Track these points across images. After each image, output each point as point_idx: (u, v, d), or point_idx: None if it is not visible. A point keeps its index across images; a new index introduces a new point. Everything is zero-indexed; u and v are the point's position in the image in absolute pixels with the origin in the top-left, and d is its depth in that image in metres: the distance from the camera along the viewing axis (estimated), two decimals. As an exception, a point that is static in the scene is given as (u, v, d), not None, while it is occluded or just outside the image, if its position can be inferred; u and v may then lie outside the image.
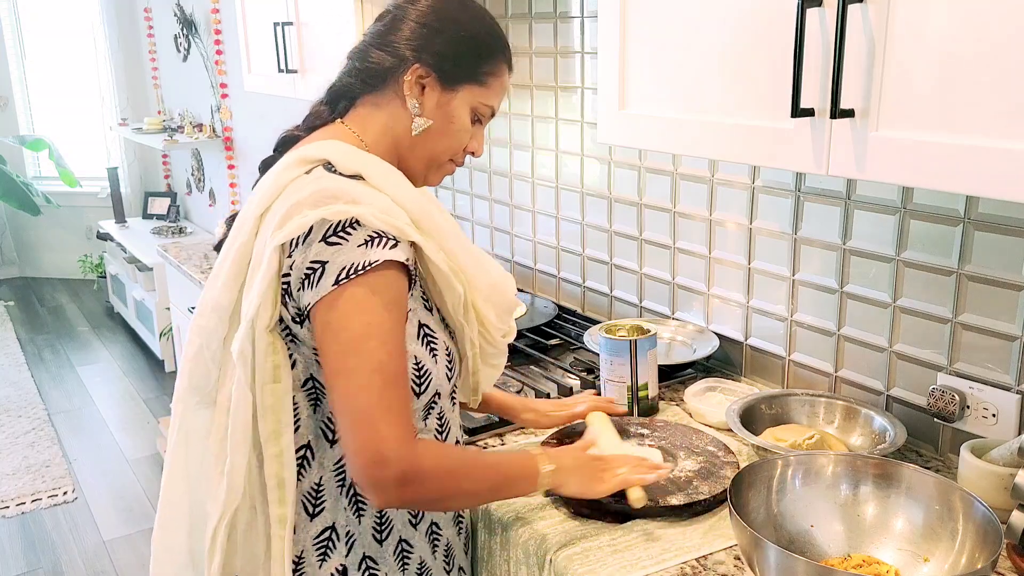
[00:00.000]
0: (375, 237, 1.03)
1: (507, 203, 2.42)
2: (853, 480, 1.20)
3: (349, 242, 1.02)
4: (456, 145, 1.19)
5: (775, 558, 1.00)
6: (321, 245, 1.02)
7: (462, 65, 1.15)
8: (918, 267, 1.44)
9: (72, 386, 4.48)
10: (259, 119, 4.09)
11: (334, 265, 1.02)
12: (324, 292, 1.02)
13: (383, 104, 1.17)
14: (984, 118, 0.96)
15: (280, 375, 1.09)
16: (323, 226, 1.03)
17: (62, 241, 6.27)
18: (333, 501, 1.15)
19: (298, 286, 1.05)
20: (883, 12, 1.03)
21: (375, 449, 1.01)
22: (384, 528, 1.18)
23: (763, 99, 1.21)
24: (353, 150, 1.13)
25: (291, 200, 1.06)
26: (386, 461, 1.01)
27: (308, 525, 1.15)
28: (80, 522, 3.25)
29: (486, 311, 1.18)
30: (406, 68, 1.14)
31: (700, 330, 1.86)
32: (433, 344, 1.14)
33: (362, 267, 1.01)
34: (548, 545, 1.22)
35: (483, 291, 1.17)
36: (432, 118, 1.16)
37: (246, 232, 1.11)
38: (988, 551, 1.03)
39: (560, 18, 2.10)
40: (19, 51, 6.11)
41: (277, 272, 1.06)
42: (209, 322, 1.14)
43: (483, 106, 1.19)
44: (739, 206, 1.74)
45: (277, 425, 1.10)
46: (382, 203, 1.06)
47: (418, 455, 1.03)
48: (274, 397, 1.09)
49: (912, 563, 1.13)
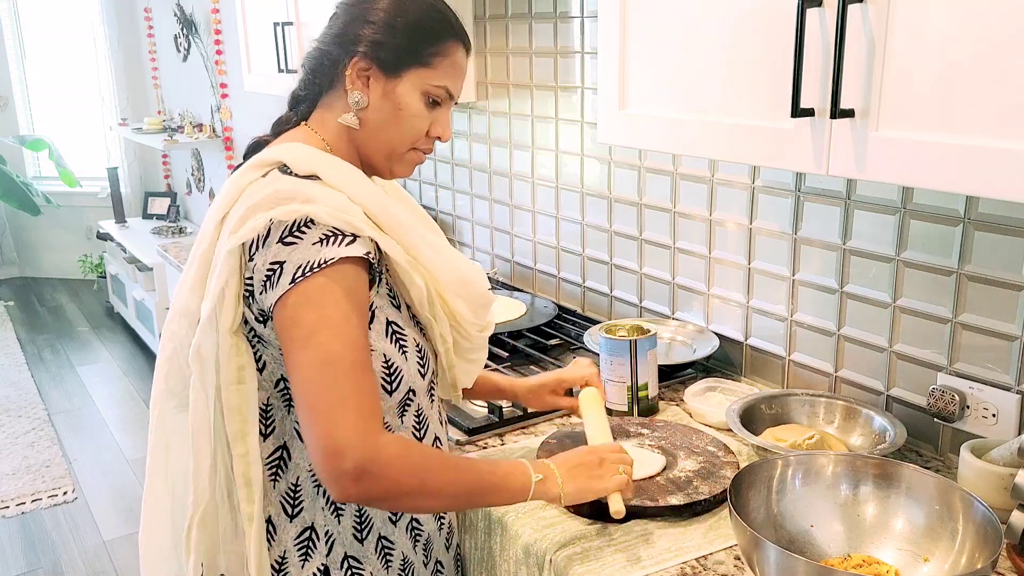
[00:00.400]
0: (330, 236, 1.04)
1: (507, 203, 2.42)
2: (853, 480, 1.20)
3: (304, 241, 1.03)
4: (413, 133, 1.18)
5: (775, 558, 1.00)
6: (279, 246, 1.04)
7: (402, 50, 1.14)
8: (918, 267, 1.44)
9: (72, 386, 4.48)
10: (259, 119, 4.09)
11: (290, 264, 1.03)
12: (282, 291, 1.03)
13: (335, 102, 1.18)
14: (984, 118, 0.96)
15: (244, 376, 1.10)
16: (279, 227, 1.04)
17: (62, 241, 6.27)
18: (310, 501, 1.16)
19: (260, 288, 1.06)
20: (883, 12, 1.03)
21: (330, 440, 0.99)
22: (364, 526, 1.18)
23: (763, 99, 1.21)
24: (309, 151, 1.14)
25: (247, 203, 1.07)
26: (342, 452, 0.98)
27: (288, 526, 1.16)
28: (80, 522, 3.25)
29: (456, 305, 1.17)
30: (346, 63, 1.15)
31: (700, 330, 1.86)
32: (402, 341, 1.14)
33: (317, 265, 1.02)
34: (548, 545, 1.22)
35: (451, 285, 1.16)
36: (381, 108, 1.15)
37: (208, 238, 1.13)
38: (988, 551, 1.03)
39: (560, 18, 2.10)
40: (19, 51, 6.11)
41: (238, 274, 1.07)
42: (180, 328, 1.15)
43: (435, 88, 1.17)
44: (739, 206, 1.74)
45: (243, 425, 1.11)
46: (337, 201, 1.07)
47: (378, 447, 1.00)
48: (239, 397, 1.10)
49: (912, 563, 1.12)
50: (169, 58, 5.29)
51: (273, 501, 1.16)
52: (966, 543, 1.09)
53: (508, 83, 2.31)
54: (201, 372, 1.11)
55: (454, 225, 2.69)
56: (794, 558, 0.98)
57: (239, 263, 1.07)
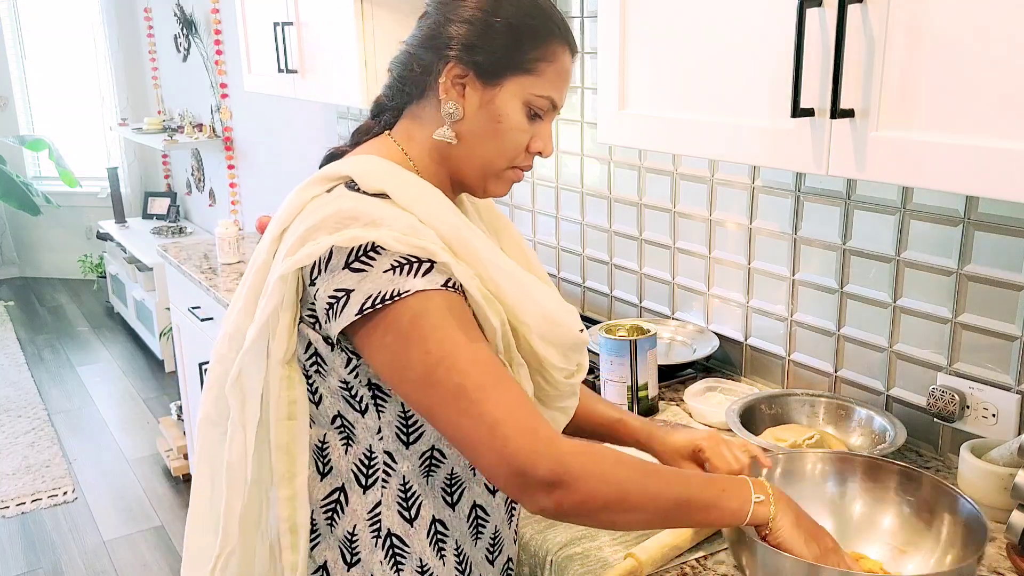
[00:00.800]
0: (404, 263, 0.93)
1: (507, 203, 2.42)
2: (841, 478, 1.20)
3: (374, 268, 0.93)
4: (512, 148, 1.05)
5: (762, 556, 1.00)
6: (345, 272, 0.94)
7: (501, 55, 1.01)
8: (918, 267, 1.44)
9: (72, 386, 4.48)
10: (259, 119, 4.09)
11: (359, 293, 0.93)
12: (347, 321, 0.94)
13: (425, 113, 1.06)
14: (984, 118, 0.96)
15: (296, 411, 1.02)
16: (342, 252, 0.94)
17: (62, 241, 6.28)
18: (368, 552, 1.05)
19: (324, 316, 0.97)
20: (883, 12, 1.03)
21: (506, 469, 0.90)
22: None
23: (763, 99, 1.21)
24: (382, 165, 1.03)
25: (308, 223, 0.98)
26: (524, 472, 0.89)
27: (345, 574, 1.06)
28: (80, 522, 3.25)
29: (543, 349, 1.02)
30: (440, 69, 1.03)
31: (700, 330, 1.86)
32: None
33: (390, 296, 0.92)
34: (548, 545, 1.22)
35: (535, 326, 1.01)
36: (477, 120, 1.03)
37: (264, 253, 1.04)
38: (974, 547, 1.03)
39: (560, 18, 2.09)
40: (19, 51, 6.11)
41: (294, 300, 0.99)
42: (229, 351, 1.05)
43: (537, 98, 1.03)
44: (739, 206, 1.74)
45: (291, 465, 1.02)
46: (406, 223, 0.95)
47: (563, 454, 0.90)
48: (289, 435, 1.02)
49: (899, 560, 1.13)
50: (169, 58, 5.29)
51: (332, 546, 1.06)
52: (953, 539, 1.09)
53: (508, 83, 2.31)
54: (241, 404, 1.02)
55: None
56: (781, 555, 0.98)
57: (295, 288, 0.99)
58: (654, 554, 1.16)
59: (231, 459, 1.03)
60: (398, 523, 1.05)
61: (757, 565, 1.02)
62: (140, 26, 5.66)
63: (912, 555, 1.13)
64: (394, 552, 1.05)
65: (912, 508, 1.15)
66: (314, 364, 1.02)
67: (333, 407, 1.03)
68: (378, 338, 0.94)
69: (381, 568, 1.05)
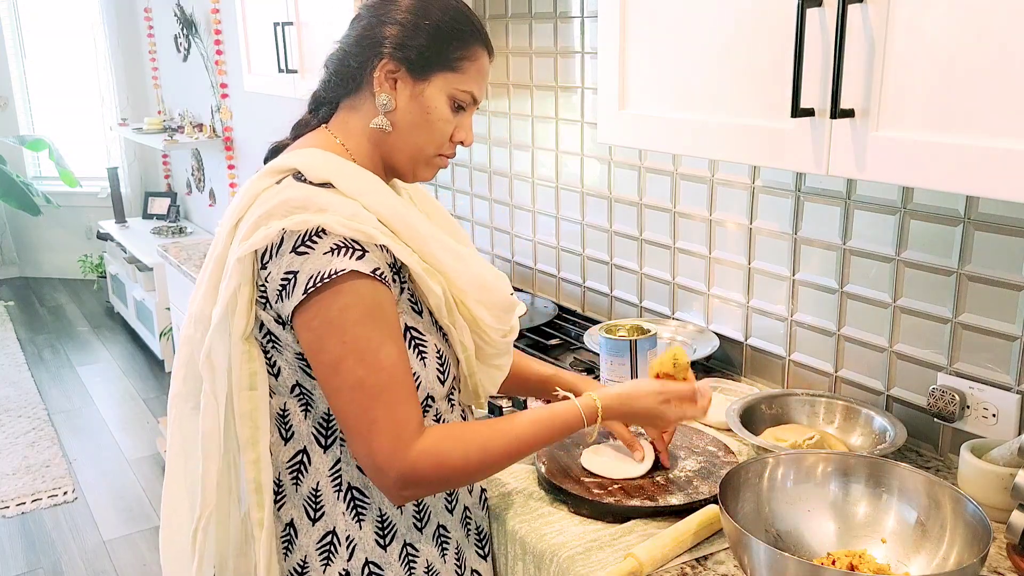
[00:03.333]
0: (341, 246, 1.04)
1: (507, 203, 2.42)
2: (844, 479, 1.20)
3: (315, 251, 1.04)
4: (438, 137, 1.17)
5: (765, 556, 1.00)
6: (292, 255, 1.05)
7: (430, 53, 1.14)
8: (918, 267, 1.44)
9: (72, 386, 4.48)
10: (259, 119, 4.09)
11: (303, 274, 1.04)
12: (296, 301, 1.05)
13: (359, 105, 1.18)
14: (984, 118, 0.96)
15: (256, 382, 1.13)
16: (292, 236, 1.05)
17: (62, 241, 6.28)
18: (331, 506, 1.16)
19: (276, 297, 1.07)
20: (883, 12, 1.03)
21: (370, 460, 1.06)
22: (387, 533, 1.17)
23: (763, 99, 1.21)
24: (325, 157, 1.13)
25: (259, 211, 1.08)
26: (381, 469, 1.05)
27: (311, 530, 1.16)
28: (80, 522, 3.25)
29: (478, 311, 1.16)
30: (375, 65, 1.14)
31: (700, 330, 1.86)
32: (422, 346, 1.14)
33: (327, 275, 1.03)
34: (548, 545, 1.22)
35: (471, 291, 1.15)
36: (408, 111, 1.15)
37: (222, 242, 1.15)
38: (977, 548, 1.03)
39: (560, 18, 2.10)
40: (19, 51, 6.11)
41: (250, 281, 1.09)
42: (196, 332, 1.17)
43: (461, 92, 1.16)
44: (739, 206, 1.74)
45: (254, 432, 1.13)
46: (349, 210, 1.07)
47: (411, 461, 1.05)
48: (251, 403, 1.13)
49: (902, 560, 1.13)
50: (169, 58, 5.29)
51: (296, 504, 1.17)
52: (955, 540, 1.09)
53: (508, 83, 2.31)
54: (212, 378, 1.13)
55: (454, 225, 2.69)
56: (784, 556, 0.98)
57: (251, 270, 1.09)
58: (654, 554, 1.16)
59: (206, 428, 1.15)
60: (357, 476, 1.15)
61: (757, 565, 1.02)
62: (140, 26, 5.66)
63: (915, 556, 1.13)
64: (355, 504, 1.16)
65: (914, 508, 1.15)
66: (269, 341, 1.12)
67: (291, 377, 1.13)
68: (308, 319, 1.05)
69: (344, 519, 1.16)
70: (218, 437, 1.14)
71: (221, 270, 1.14)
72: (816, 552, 1.16)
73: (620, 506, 1.27)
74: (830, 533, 1.18)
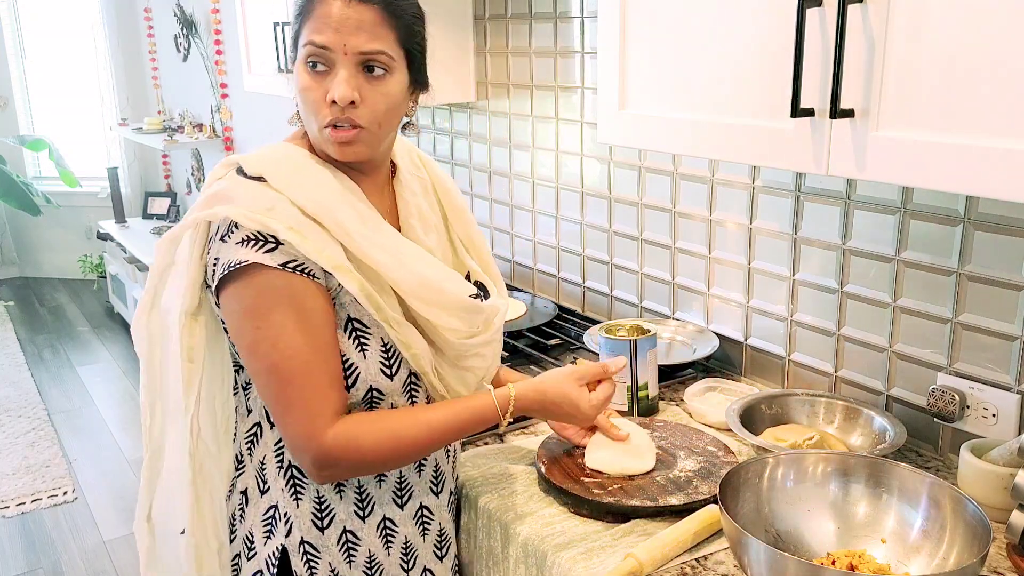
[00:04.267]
0: (251, 239, 1.07)
1: (507, 203, 2.42)
2: (844, 479, 1.20)
3: (231, 240, 1.08)
4: (312, 107, 1.11)
5: (765, 556, 1.00)
6: (220, 243, 1.10)
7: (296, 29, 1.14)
8: (918, 267, 1.44)
9: (72, 386, 4.48)
10: (259, 119, 4.09)
11: (221, 261, 1.09)
12: (214, 285, 1.11)
13: None
14: (984, 118, 0.96)
15: (195, 356, 1.18)
16: (223, 225, 1.10)
17: (62, 241, 6.27)
18: (273, 481, 1.20)
19: (210, 279, 1.13)
20: (883, 12, 1.03)
21: (288, 443, 1.12)
22: (324, 515, 1.19)
23: (763, 99, 1.21)
24: (273, 152, 1.16)
25: (198, 201, 1.15)
26: (298, 450, 1.10)
27: (259, 501, 1.21)
28: (80, 522, 3.25)
29: (424, 311, 1.14)
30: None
31: (700, 330, 1.86)
32: (363, 339, 1.13)
33: (233, 264, 1.07)
34: (548, 545, 1.22)
35: (410, 290, 1.13)
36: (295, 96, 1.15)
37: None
38: (977, 548, 1.03)
39: (560, 18, 2.10)
40: (19, 51, 6.11)
41: (194, 261, 1.15)
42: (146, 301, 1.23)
43: (304, 49, 1.10)
44: (739, 206, 1.74)
45: (188, 400, 1.19)
46: (263, 203, 1.08)
47: (324, 446, 1.08)
48: (188, 375, 1.19)
49: (902, 560, 1.13)
50: (169, 58, 5.29)
51: (251, 474, 1.22)
52: (956, 540, 1.09)
53: (508, 83, 2.31)
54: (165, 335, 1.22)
55: (454, 225, 2.69)
56: (784, 556, 0.98)
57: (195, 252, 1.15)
58: (654, 554, 1.16)
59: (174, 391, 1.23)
60: None
61: (757, 565, 1.02)
62: (140, 26, 5.66)
63: (915, 556, 1.13)
64: (294, 482, 1.19)
65: (914, 508, 1.15)
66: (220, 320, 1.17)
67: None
68: (229, 303, 1.10)
69: (283, 495, 1.19)
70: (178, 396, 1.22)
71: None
72: (816, 552, 1.16)
73: (620, 506, 1.27)
74: (830, 533, 1.18)
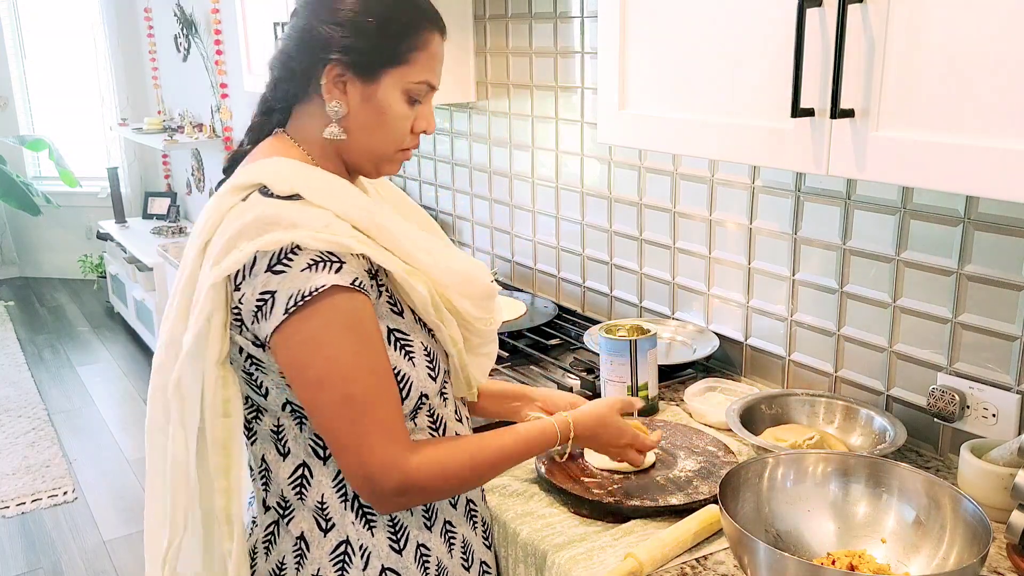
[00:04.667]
0: (318, 261, 1.01)
1: (507, 203, 2.42)
2: (844, 479, 1.20)
3: (292, 268, 1.00)
4: (397, 134, 1.12)
5: (765, 556, 1.00)
6: (268, 275, 1.01)
7: (376, 52, 1.07)
8: (918, 267, 1.44)
9: (72, 386, 4.48)
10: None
11: (282, 294, 1.00)
12: (277, 322, 1.01)
13: (313, 111, 1.12)
14: (984, 118, 0.96)
15: (230, 409, 1.08)
16: (265, 256, 1.01)
17: (62, 241, 6.27)
18: (339, 517, 1.12)
19: (251, 319, 1.03)
20: (883, 12, 1.03)
21: (362, 472, 1.04)
22: (400, 536, 1.14)
23: (763, 99, 1.21)
24: (289, 167, 1.08)
25: (229, 232, 1.03)
26: (376, 480, 1.04)
27: (323, 541, 1.12)
28: (80, 522, 3.25)
29: (461, 304, 1.14)
30: (320, 70, 1.08)
31: (700, 330, 1.86)
32: (408, 347, 1.10)
33: (308, 293, 1.00)
34: (548, 545, 1.22)
35: (453, 285, 1.12)
36: (361, 114, 1.10)
37: (190, 264, 1.09)
38: (977, 548, 1.03)
39: (560, 18, 2.10)
40: (19, 51, 6.11)
41: (224, 306, 1.04)
42: (167, 359, 1.10)
43: (414, 85, 1.10)
44: (739, 206, 1.74)
45: (227, 460, 1.09)
46: (321, 221, 1.02)
47: (409, 470, 1.04)
48: (225, 431, 1.08)
49: (902, 560, 1.13)
50: (169, 58, 5.29)
51: (306, 517, 1.13)
52: (955, 540, 1.09)
53: (508, 83, 2.31)
54: (181, 406, 1.07)
55: (454, 225, 2.69)
56: (784, 556, 0.98)
57: (224, 295, 1.04)
58: (654, 554, 1.16)
59: (175, 457, 1.09)
60: None
61: (757, 565, 1.02)
62: (140, 26, 5.66)
63: (914, 556, 1.13)
64: (364, 512, 1.13)
65: (914, 508, 1.15)
66: (252, 364, 1.08)
67: (280, 396, 1.09)
68: (287, 338, 1.02)
69: (355, 528, 1.13)
70: (186, 466, 1.09)
71: (190, 292, 1.08)
72: (816, 552, 1.16)
73: (620, 506, 1.27)
74: (830, 533, 1.18)
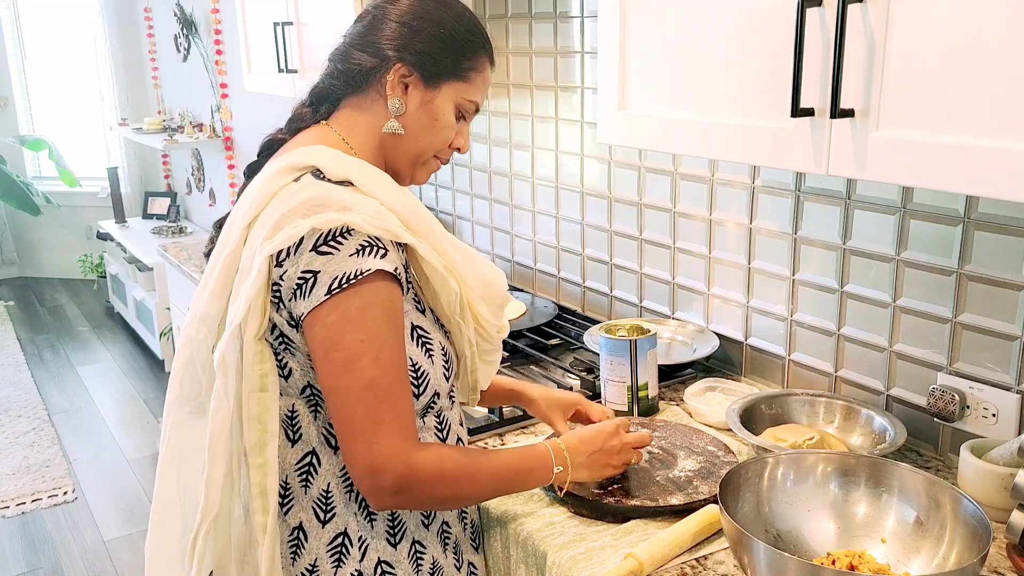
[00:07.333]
0: (367, 246, 1.04)
1: (507, 203, 2.42)
2: (844, 478, 1.20)
3: (341, 251, 1.03)
4: (441, 142, 1.20)
5: (765, 556, 1.00)
6: (312, 255, 1.03)
7: (443, 62, 1.15)
8: (918, 267, 1.44)
9: (72, 386, 4.48)
10: (259, 119, 4.09)
11: (326, 275, 1.03)
12: (317, 302, 1.03)
13: (367, 105, 1.18)
14: (985, 118, 0.96)
15: (267, 384, 1.10)
16: (313, 235, 1.03)
17: (62, 241, 6.27)
18: (343, 507, 1.14)
19: (290, 296, 1.05)
20: (883, 12, 1.03)
21: (369, 460, 1.04)
22: (398, 531, 1.17)
23: (763, 99, 1.21)
24: (340, 155, 1.13)
25: (281, 209, 1.06)
26: (380, 471, 1.04)
27: (320, 532, 1.14)
28: (80, 522, 3.25)
29: (479, 308, 1.18)
30: (388, 68, 1.15)
31: (700, 330, 1.86)
32: (428, 345, 1.14)
33: (354, 276, 1.02)
34: (548, 545, 1.22)
35: (476, 288, 1.17)
36: (417, 116, 1.16)
37: (234, 241, 1.12)
38: (977, 548, 1.03)
39: (560, 18, 2.10)
40: (19, 51, 6.11)
41: (267, 281, 1.06)
42: (198, 333, 1.14)
43: (467, 102, 1.19)
44: (739, 206, 1.74)
45: (263, 435, 1.10)
46: (372, 208, 1.06)
47: (414, 466, 1.05)
48: (260, 406, 1.10)
49: (902, 560, 1.13)
50: (169, 58, 5.29)
51: (305, 507, 1.14)
52: (955, 540, 1.09)
53: (508, 83, 2.31)
54: (225, 379, 1.09)
55: (454, 225, 2.69)
56: (784, 556, 0.98)
57: (267, 269, 1.06)
58: (654, 554, 1.16)
59: (215, 431, 1.10)
60: None
61: (757, 565, 1.02)
62: (140, 26, 5.66)
63: (914, 556, 1.13)
64: (367, 504, 1.14)
65: (914, 508, 1.15)
66: (281, 342, 1.10)
67: (303, 379, 1.11)
68: (324, 315, 1.03)
69: (356, 519, 1.14)
70: (227, 440, 1.10)
71: (232, 269, 1.11)
72: (816, 552, 1.16)
73: (620, 506, 1.27)
74: (830, 533, 1.18)
